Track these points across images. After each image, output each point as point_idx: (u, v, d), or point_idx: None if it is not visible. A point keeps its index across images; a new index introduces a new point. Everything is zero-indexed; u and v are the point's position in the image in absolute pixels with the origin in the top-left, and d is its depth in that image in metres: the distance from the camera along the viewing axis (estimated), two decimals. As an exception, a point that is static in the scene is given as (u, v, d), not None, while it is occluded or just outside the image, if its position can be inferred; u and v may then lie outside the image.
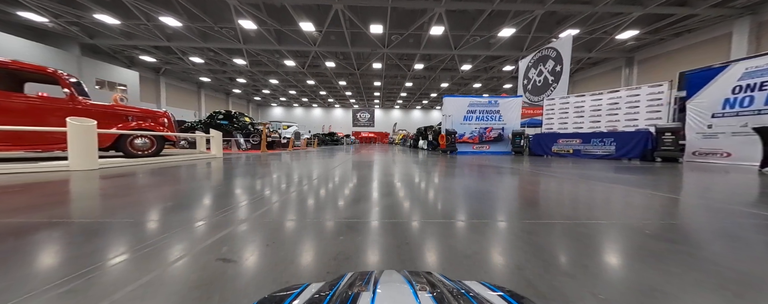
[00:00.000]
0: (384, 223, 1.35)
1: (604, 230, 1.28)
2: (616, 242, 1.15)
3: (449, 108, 10.23)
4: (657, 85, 6.55)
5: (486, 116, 10.18)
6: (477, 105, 10.18)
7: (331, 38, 14.65)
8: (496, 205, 1.78)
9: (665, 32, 13.03)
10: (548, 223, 1.38)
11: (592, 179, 3.03)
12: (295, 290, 0.32)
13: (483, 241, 1.12)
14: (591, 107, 7.63)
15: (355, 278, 0.34)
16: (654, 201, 1.95)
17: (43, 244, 1.06)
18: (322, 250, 1.01)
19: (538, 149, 8.64)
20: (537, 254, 0.98)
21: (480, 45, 14.71)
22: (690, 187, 2.69)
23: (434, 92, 28.49)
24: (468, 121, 10.26)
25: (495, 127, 10.24)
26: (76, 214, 1.48)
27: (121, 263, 0.88)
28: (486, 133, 10.24)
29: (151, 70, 22.07)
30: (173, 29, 13.97)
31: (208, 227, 1.26)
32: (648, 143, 6.26)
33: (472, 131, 10.27)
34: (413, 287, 0.29)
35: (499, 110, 10.16)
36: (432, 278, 0.33)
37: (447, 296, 0.27)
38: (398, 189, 2.25)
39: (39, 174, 2.93)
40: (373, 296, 0.27)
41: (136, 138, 5.10)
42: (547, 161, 6.38)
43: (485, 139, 10.23)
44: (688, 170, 4.35)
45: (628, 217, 1.53)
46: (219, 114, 10.79)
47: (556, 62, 9.60)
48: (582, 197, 2.08)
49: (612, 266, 0.93)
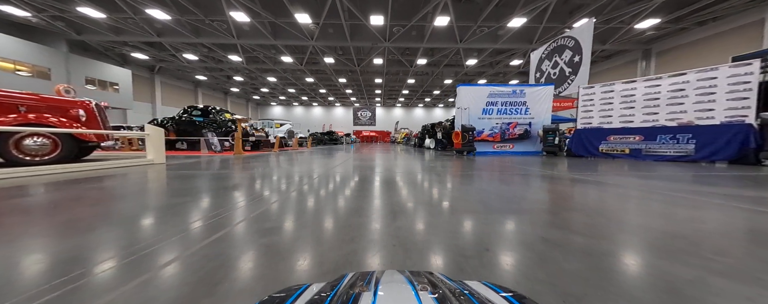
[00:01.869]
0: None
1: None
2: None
3: (465, 99, 8.49)
4: (744, 64, 5.00)
5: (510, 109, 8.51)
6: (499, 95, 8.50)
7: (329, 31, 13.86)
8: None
9: (688, 20, 12.11)
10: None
11: (713, 197, 1.97)
12: (297, 290, 0.31)
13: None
14: (645, 96, 6.12)
15: (356, 278, 0.33)
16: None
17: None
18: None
19: (579, 149, 6.96)
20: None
21: (487, 37, 13.85)
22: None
23: (437, 89, 27.65)
24: (487, 115, 8.57)
25: (520, 122, 8.56)
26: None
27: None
28: (509, 130, 8.58)
29: (145, 68, 21.42)
30: (163, 23, 13.25)
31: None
32: (749, 141, 4.72)
33: (493, 127, 8.60)
34: (414, 287, 0.28)
35: (525, 101, 8.47)
36: (433, 278, 0.33)
37: (448, 296, 0.26)
38: (416, 234, 1.16)
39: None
40: (374, 296, 0.26)
41: (27, 137, 3.57)
42: (597, 164, 4.95)
43: (508, 137, 8.62)
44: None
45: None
46: (194, 109, 9.44)
47: (574, 52, 8.73)
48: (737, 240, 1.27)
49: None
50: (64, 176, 3.04)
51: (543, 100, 8.52)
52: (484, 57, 16.86)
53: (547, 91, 8.56)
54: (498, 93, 8.53)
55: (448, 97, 32.41)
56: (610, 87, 6.80)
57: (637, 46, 15.16)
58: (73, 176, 3.06)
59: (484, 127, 8.61)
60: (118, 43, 16.36)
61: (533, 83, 10.43)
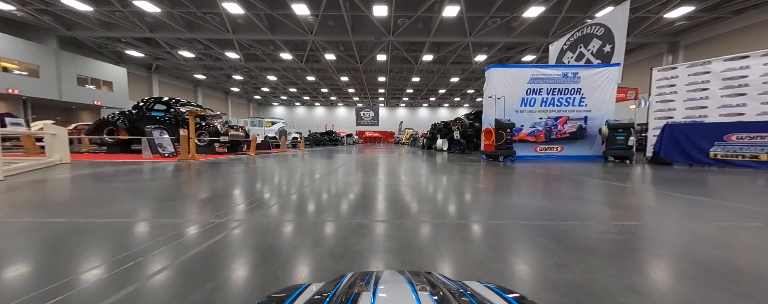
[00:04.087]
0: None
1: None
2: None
3: (497, 85, 6.37)
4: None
5: (558, 99, 6.46)
6: (543, 79, 6.40)
7: (329, 24, 12.98)
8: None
9: (725, 8, 10.97)
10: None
11: None
12: (296, 290, 0.31)
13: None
14: (765, 75, 4.39)
15: (356, 278, 0.33)
16: None
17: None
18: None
19: (673, 153, 4.95)
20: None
21: (499, 30, 12.84)
22: None
23: (442, 88, 26.64)
24: (528, 107, 6.49)
25: (573, 115, 6.47)
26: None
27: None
28: (557, 127, 6.52)
29: (142, 66, 20.78)
30: (153, 17, 12.49)
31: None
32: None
33: (535, 123, 6.56)
34: (414, 287, 0.28)
35: (579, 88, 6.40)
36: (432, 277, 0.33)
37: (448, 296, 0.26)
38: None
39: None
40: (374, 296, 0.26)
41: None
42: (748, 181, 3.14)
43: (557, 136, 6.52)
44: None
45: None
46: (156, 102, 7.65)
47: (604, 41, 7.69)
48: None
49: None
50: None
51: (605, 85, 6.38)
52: (494, 52, 15.83)
53: (610, 73, 6.42)
54: (542, 76, 6.41)
55: (453, 97, 31.36)
56: (704, 66, 5.07)
57: (663, 39, 14.01)
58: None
59: (523, 124, 6.50)
60: (110, 40, 15.69)
61: (593, 64, 7.67)
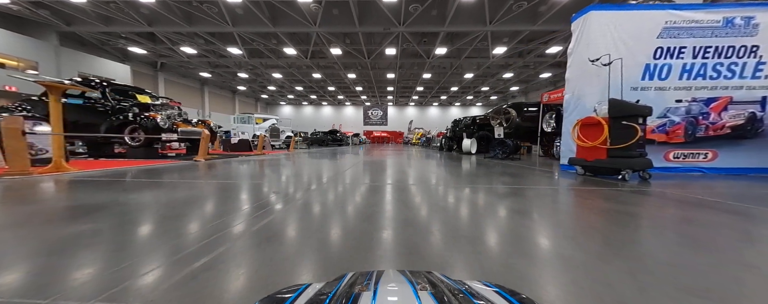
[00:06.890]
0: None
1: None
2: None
3: (601, 41, 3.99)
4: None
5: (712, 66, 3.92)
6: (688, 31, 3.90)
7: (333, 13, 11.98)
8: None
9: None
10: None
11: None
12: (297, 290, 0.31)
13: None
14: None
15: (356, 277, 0.33)
16: None
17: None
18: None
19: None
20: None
21: (524, 16, 11.51)
22: None
23: (455, 85, 25.32)
24: (656, 81, 4.00)
25: (741, 95, 3.93)
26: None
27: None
28: (709, 116, 3.98)
29: (147, 65, 20.39)
30: (150, 8, 11.81)
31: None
32: None
33: (667, 111, 4.03)
34: (414, 286, 0.28)
35: (756, 46, 3.83)
36: (433, 277, 0.32)
37: (448, 295, 0.26)
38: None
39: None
40: (374, 295, 0.26)
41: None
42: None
43: (710, 133, 4.00)
44: None
45: None
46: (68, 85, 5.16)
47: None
48: None
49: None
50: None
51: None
52: (515, 44, 14.48)
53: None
54: (686, 26, 3.85)
55: (465, 95, 29.94)
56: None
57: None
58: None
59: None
60: (111, 36, 15.21)
61: None
